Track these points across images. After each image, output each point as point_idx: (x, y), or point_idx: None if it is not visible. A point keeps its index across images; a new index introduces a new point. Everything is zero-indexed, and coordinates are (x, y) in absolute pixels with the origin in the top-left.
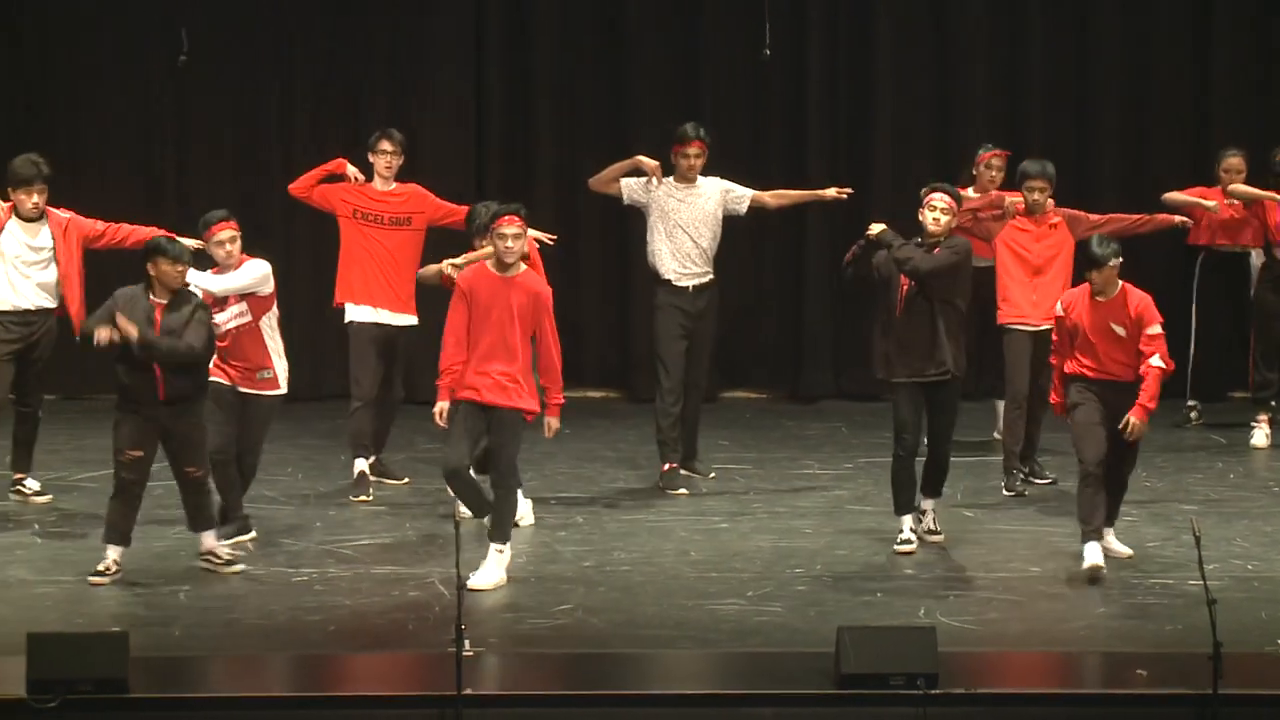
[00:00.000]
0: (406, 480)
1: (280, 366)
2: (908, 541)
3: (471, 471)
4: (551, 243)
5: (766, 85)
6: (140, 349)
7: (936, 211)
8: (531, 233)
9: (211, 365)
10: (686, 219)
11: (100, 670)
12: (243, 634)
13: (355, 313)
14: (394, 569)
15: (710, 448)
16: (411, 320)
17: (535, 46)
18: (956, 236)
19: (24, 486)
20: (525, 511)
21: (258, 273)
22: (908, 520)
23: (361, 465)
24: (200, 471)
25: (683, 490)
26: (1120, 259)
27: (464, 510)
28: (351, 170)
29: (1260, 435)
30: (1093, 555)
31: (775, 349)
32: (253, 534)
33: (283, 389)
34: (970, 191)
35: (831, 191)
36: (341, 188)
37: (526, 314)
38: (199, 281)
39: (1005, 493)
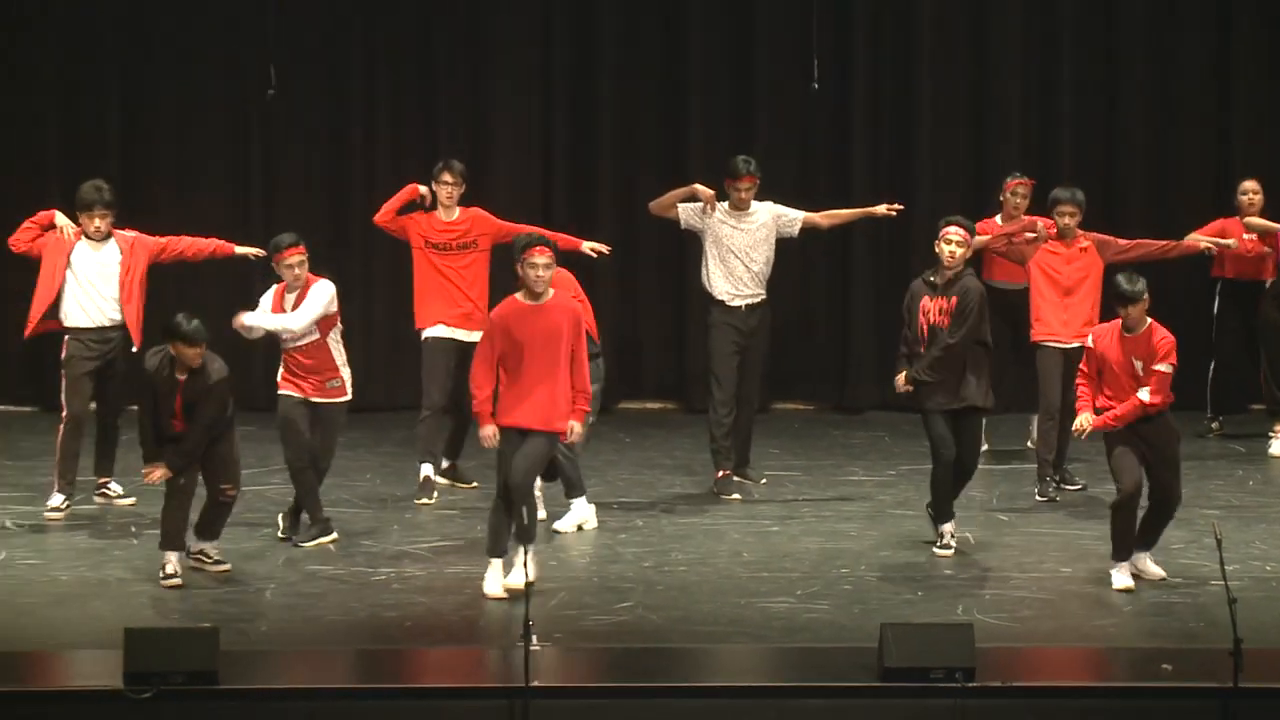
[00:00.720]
0: (477, 484)
1: (346, 374)
2: (947, 546)
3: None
4: (608, 253)
5: (815, 113)
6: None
7: (952, 245)
8: (586, 244)
9: (280, 379)
10: (740, 245)
11: (192, 663)
12: (325, 629)
13: (430, 330)
14: (466, 568)
15: (761, 456)
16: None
17: (599, 76)
18: (968, 279)
19: (109, 490)
20: (589, 515)
21: (325, 297)
22: (948, 526)
23: (427, 471)
24: (234, 491)
25: (736, 495)
26: (1147, 295)
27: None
28: (423, 189)
29: (1277, 445)
30: (1121, 580)
31: (823, 363)
32: (334, 535)
33: (349, 394)
34: (998, 219)
35: (882, 208)
36: (413, 220)
37: (567, 333)
38: (282, 323)
39: (1038, 498)
